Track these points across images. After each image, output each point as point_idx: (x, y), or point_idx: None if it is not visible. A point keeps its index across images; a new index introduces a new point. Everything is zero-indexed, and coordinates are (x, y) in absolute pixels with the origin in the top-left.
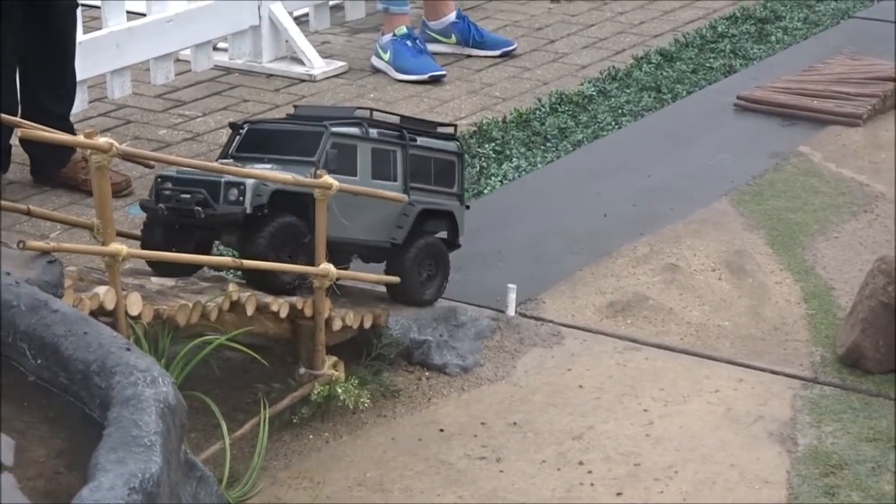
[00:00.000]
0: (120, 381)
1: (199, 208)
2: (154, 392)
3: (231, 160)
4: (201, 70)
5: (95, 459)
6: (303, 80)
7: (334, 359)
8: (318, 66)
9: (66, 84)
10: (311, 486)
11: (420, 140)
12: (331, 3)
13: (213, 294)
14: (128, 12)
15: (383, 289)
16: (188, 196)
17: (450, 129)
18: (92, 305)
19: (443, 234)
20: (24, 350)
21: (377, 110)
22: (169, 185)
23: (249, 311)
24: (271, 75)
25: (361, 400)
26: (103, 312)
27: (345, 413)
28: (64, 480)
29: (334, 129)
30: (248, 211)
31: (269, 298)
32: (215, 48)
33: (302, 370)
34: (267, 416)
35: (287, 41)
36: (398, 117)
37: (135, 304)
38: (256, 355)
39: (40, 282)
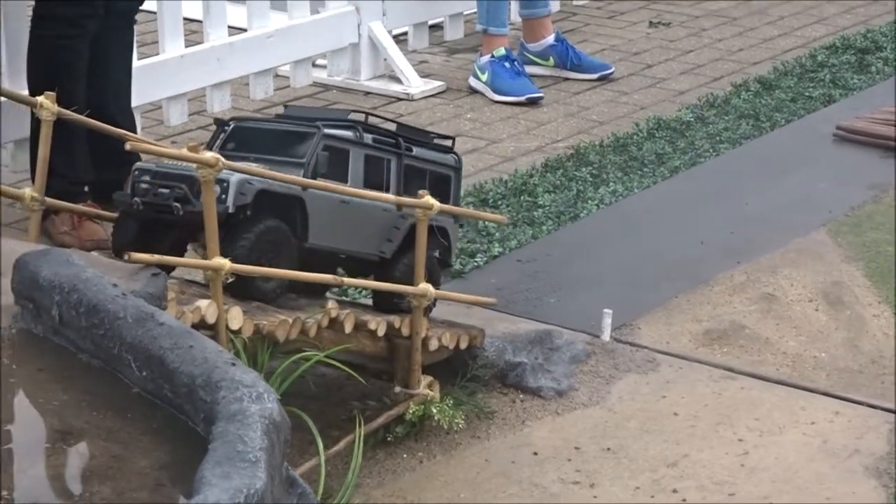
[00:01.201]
0: (225, 395)
1: (178, 204)
2: (259, 408)
3: None
4: (300, 86)
5: (200, 473)
6: (400, 99)
7: (430, 378)
8: (416, 84)
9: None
10: None
11: (416, 150)
12: (430, 22)
13: (312, 310)
14: (229, 27)
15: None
16: (166, 191)
17: (447, 142)
18: (194, 319)
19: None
20: (130, 362)
21: (374, 115)
22: (147, 178)
23: (348, 328)
24: (369, 93)
25: (456, 420)
26: (204, 326)
27: (439, 433)
28: (167, 493)
29: (327, 131)
30: (231, 210)
31: (366, 316)
32: (314, 64)
33: (397, 389)
34: (362, 433)
35: (385, 59)
36: (395, 124)
37: (236, 319)
38: (353, 373)
39: (144, 294)
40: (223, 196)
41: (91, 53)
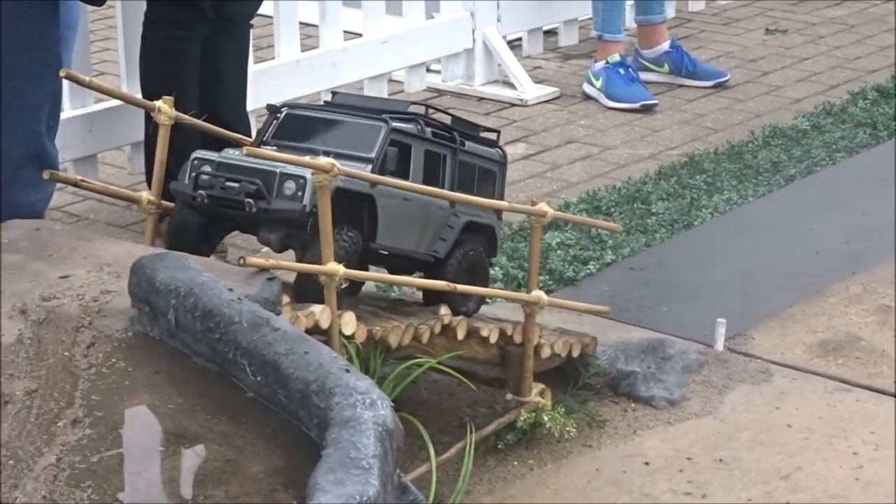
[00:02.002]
0: (339, 402)
1: (251, 201)
2: (373, 415)
3: (271, 147)
4: (414, 91)
5: (314, 479)
6: (514, 105)
7: (541, 386)
8: (530, 90)
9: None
10: None
11: (468, 145)
12: (545, 28)
13: (424, 317)
14: (344, 32)
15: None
16: (236, 185)
17: (492, 136)
18: (308, 324)
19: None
20: (244, 366)
21: (431, 107)
22: (209, 168)
23: (460, 335)
24: (483, 98)
25: (567, 429)
26: (318, 331)
27: (550, 441)
28: (280, 498)
29: (394, 125)
30: (308, 209)
31: (479, 323)
32: (428, 69)
33: (509, 396)
34: (473, 440)
35: (500, 65)
36: (449, 117)
37: (349, 324)
38: (465, 379)
39: (259, 298)
40: (299, 193)
41: (206, 58)
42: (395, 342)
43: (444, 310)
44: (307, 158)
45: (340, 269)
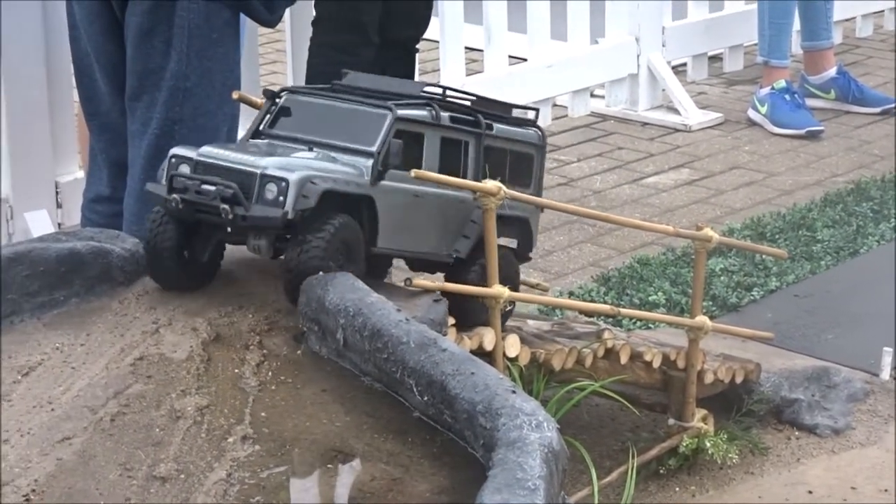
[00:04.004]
0: (506, 423)
1: (227, 206)
2: (539, 436)
3: (263, 140)
4: (578, 116)
5: (480, 499)
6: (678, 130)
7: (704, 412)
8: (694, 116)
9: None
10: None
11: (496, 128)
12: (710, 53)
13: (588, 340)
14: (509, 56)
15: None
16: (212, 188)
17: (530, 114)
18: (472, 345)
19: (512, 244)
20: (411, 386)
21: (450, 88)
22: (186, 168)
23: (623, 359)
24: (646, 124)
25: (730, 455)
26: (481, 352)
27: (712, 467)
28: None
29: (400, 113)
30: (291, 216)
31: (642, 347)
32: (592, 94)
33: (671, 421)
34: (634, 465)
35: (664, 90)
36: (473, 97)
37: (513, 346)
38: (627, 403)
39: (426, 319)
40: (280, 198)
41: None
42: (559, 365)
43: (607, 333)
44: (470, 182)
45: (505, 291)
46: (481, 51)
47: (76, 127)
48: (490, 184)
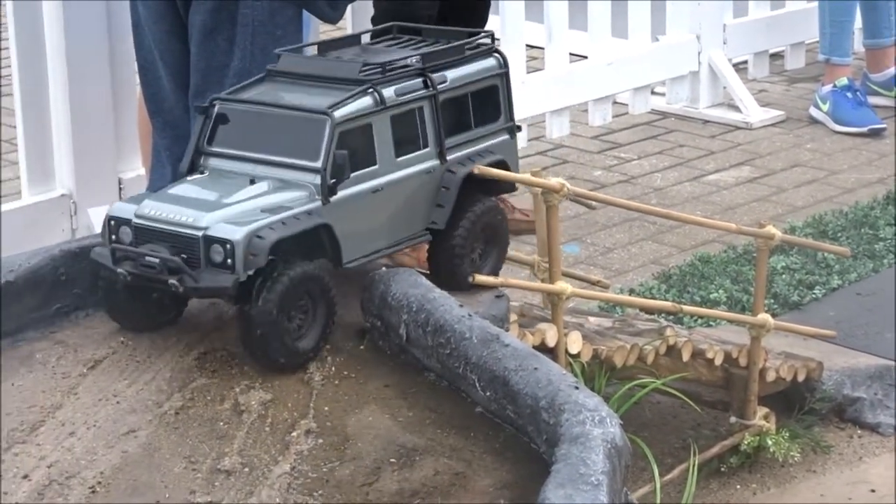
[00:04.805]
0: (568, 418)
1: (175, 281)
2: (602, 432)
3: (202, 158)
4: (638, 113)
5: (543, 494)
6: (739, 128)
7: (765, 410)
8: (755, 113)
9: None
10: None
11: (450, 78)
12: (771, 51)
13: (650, 337)
14: (570, 54)
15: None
16: (156, 260)
17: (485, 39)
18: (534, 341)
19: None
20: (474, 382)
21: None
22: (127, 233)
23: (685, 356)
24: (707, 121)
25: (791, 453)
26: (543, 348)
27: (773, 466)
28: None
29: (338, 113)
30: (242, 279)
31: (704, 345)
32: (653, 92)
33: (733, 419)
34: (696, 462)
35: (725, 88)
36: (417, 40)
37: (575, 343)
38: (689, 401)
39: (488, 315)
40: (229, 261)
41: None
42: (620, 362)
43: (669, 331)
44: (531, 177)
45: (568, 288)
46: (542, 48)
47: (137, 124)
48: (553, 181)
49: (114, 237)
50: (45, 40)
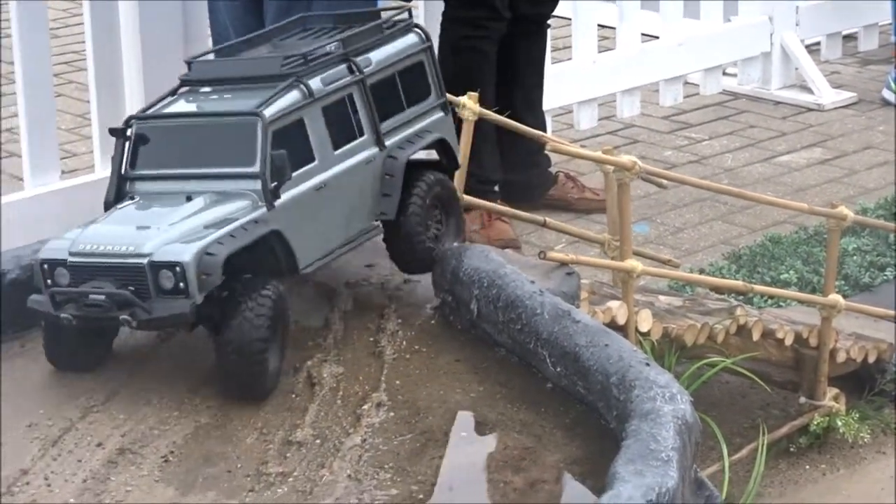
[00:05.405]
0: (639, 394)
1: (127, 316)
2: (672, 408)
3: (127, 184)
4: (709, 94)
5: (614, 469)
6: (811, 109)
7: (835, 391)
8: (828, 95)
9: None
10: None
11: (374, 60)
12: (844, 32)
13: (720, 316)
14: (641, 34)
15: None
16: (102, 297)
17: (402, 14)
18: (604, 319)
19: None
20: (545, 357)
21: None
22: (63, 274)
23: (755, 336)
24: (779, 102)
25: (861, 434)
26: (613, 326)
27: (843, 446)
28: (577, 487)
29: (268, 112)
30: (199, 302)
31: (775, 325)
32: (724, 73)
33: (802, 399)
34: (765, 442)
35: (797, 69)
36: (331, 29)
37: (645, 321)
38: (759, 380)
39: (558, 292)
40: (180, 285)
41: (503, 57)
42: (691, 341)
43: (740, 310)
44: (606, 156)
45: (639, 265)
46: (613, 28)
47: None
48: (625, 158)
49: (49, 281)
50: (119, 19)
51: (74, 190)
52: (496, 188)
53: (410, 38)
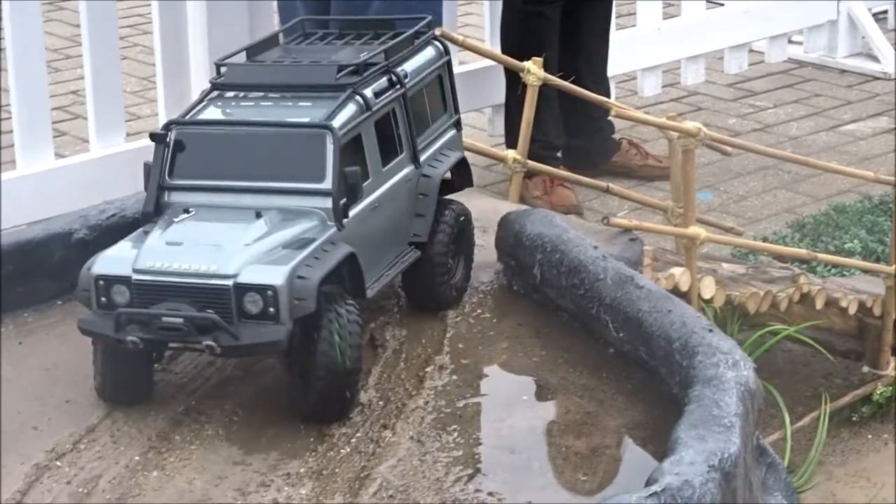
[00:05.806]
0: (702, 360)
1: (211, 342)
2: (735, 375)
3: (166, 194)
4: (774, 62)
5: (676, 434)
6: (877, 78)
7: None
8: (894, 64)
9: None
10: (868, 486)
11: (408, 71)
12: None
13: (784, 284)
14: (707, 1)
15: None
16: (180, 320)
17: (422, 26)
18: (667, 285)
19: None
20: (608, 322)
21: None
22: (123, 293)
23: (819, 304)
24: (844, 71)
25: None
26: (676, 293)
27: None
28: (639, 452)
29: (338, 125)
30: (290, 327)
31: (838, 294)
32: (790, 41)
33: (865, 369)
34: (827, 410)
35: (864, 37)
36: (338, 35)
37: (708, 288)
38: (822, 349)
39: (621, 258)
40: (270, 310)
41: (568, 23)
42: (753, 308)
43: (803, 278)
44: (672, 123)
45: (702, 232)
46: None
47: None
48: (690, 125)
49: (102, 299)
50: None
51: (139, 152)
52: (559, 154)
53: (431, 52)
